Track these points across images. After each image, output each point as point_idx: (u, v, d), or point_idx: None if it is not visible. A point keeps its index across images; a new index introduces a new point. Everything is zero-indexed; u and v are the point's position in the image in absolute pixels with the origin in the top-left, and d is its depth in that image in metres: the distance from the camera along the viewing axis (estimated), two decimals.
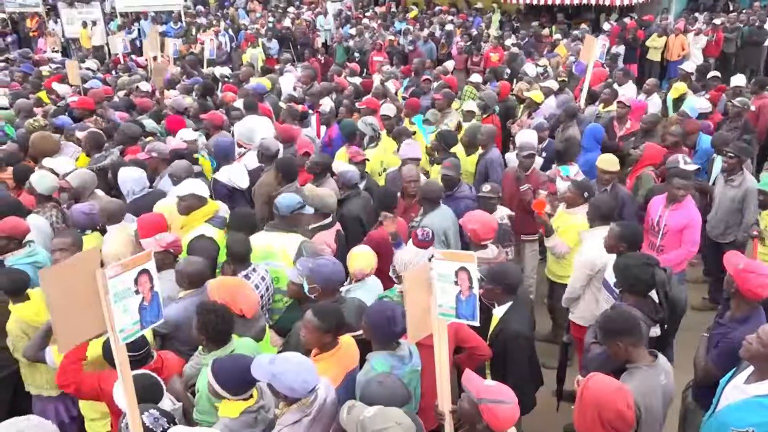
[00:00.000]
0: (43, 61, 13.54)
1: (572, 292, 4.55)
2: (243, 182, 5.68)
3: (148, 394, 2.89)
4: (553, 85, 8.70)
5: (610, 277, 4.01)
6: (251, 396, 2.91)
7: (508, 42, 13.71)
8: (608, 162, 5.51)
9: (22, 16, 20.38)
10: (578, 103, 8.11)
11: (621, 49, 13.26)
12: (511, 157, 6.49)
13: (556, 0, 16.67)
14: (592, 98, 8.43)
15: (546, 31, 15.02)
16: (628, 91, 8.76)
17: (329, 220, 4.77)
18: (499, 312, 3.81)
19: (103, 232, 4.75)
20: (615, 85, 8.72)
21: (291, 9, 20.75)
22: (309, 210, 4.66)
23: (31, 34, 19.61)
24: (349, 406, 2.78)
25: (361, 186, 5.50)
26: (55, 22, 18.96)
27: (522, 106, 8.64)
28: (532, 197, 5.43)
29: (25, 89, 9.94)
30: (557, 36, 13.76)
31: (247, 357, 2.92)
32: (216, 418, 2.99)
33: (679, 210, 4.94)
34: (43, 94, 9.33)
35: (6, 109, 8.32)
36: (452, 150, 6.35)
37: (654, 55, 13.80)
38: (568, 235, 4.97)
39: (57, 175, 5.33)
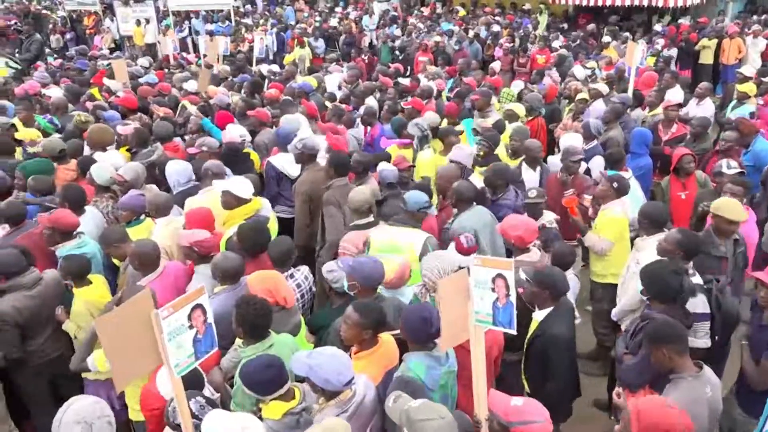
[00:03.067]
0: (97, 57, 14.00)
1: (630, 305, 4.35)
2: (293, 171, 5.86)
3: (190, 384, 2.95)
4: (603, 87, 8.51)
5: None
6: (293, 397, 2.91)
7: (555, 44, 13.50)
8: (732, 210, 4.45)
9: (80, 15, 21.15)
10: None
11: (674, 51, 12.88)
12: (554, 161, 6.37)
13: (606, 1, 16.30)
14: (638, 102, 8.22)
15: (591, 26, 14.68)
16: (675, 95, 8.50)
17: (370, 219, 4.77)
18: (538, 316, 3.75)
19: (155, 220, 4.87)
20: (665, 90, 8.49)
21: (338, 9, 20.93)
22: (434, 211, 4.75)
23: (87, 32, 20.32)
24: (396, 395, 2.78)
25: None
26: (111, 20, 19.58)
27: (567, 108, 8.49)
28: (578, 202, 5.32)
29: (79, 84, 10.29)
30: (607, 38, 13.45)
31: (272, 356, 2.93)
32: (251, 411, 3.01)
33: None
34: (95, 91, 9.63)
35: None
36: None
37: (706, 58, 13.30)
38: (606, 230, 4.89)
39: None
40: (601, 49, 12.90)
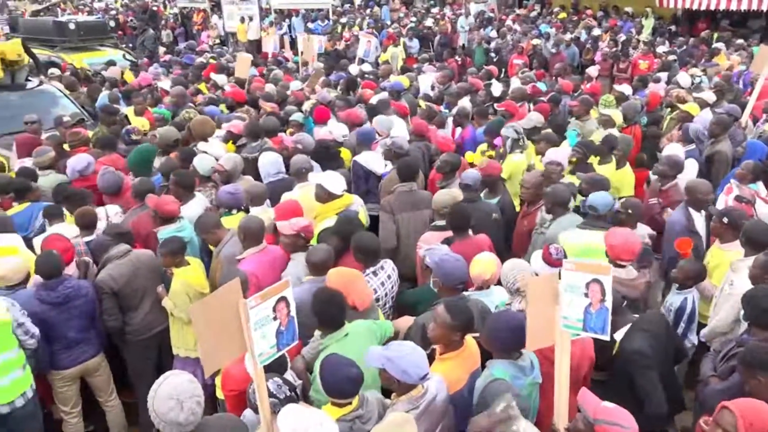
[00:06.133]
0: (202, 52, 14.79)
1: (721, 327, 4.08)
2: (379, 168, 5.93)
3: (276, 366, 3.06)
4: (710, 97, 8.01)
5: None
6: (350, 403, 2.91)
7: (660, 49, 12.85)
8: None
9: (190, 12, 22.43)
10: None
11: None
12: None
13: (720, 4, 15.28)
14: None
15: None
16: None
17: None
18: (618, 335, 3.59)
19: (246, 212, 5.09)
20: None
21: (434, 10, 20.94)
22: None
23: (196, 28, 21.52)
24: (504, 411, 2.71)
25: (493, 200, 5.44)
26: (219, 17, 20.60)
27: (669, 117, 8.07)
28: (660, 212, 5.04)
29: (186, 78, 10.91)
30: (718, 45, 12.64)
31: (355, 370, 2.91)
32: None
33: None
34: (202, 86, 10.16)
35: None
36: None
37: None
38: (721, 273, 4.38)
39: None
40: (711, 56, 12.15)
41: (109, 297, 4.36)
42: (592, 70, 10.95)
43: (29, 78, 9.22)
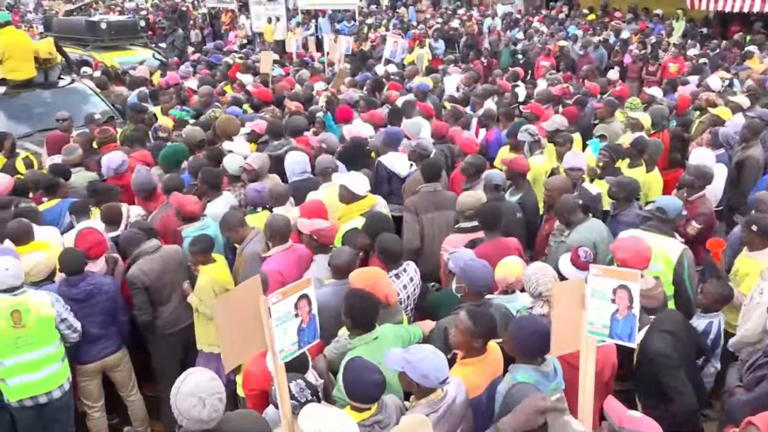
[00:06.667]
0: (229, 52, 14.95)
1: (749, 337, 3.98)
2: (402, 170, 5.93)
3: (298, 365, 3.07)
4: (744, 101, 7.83)
5: None
6: (369, 408, 2.89)
7: (691, 52, 12.61)
8: None
9: (218, 12, 22.69)
10: None
11: None
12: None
13: (753, 7, 14.93)
14: None
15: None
16: None
17: (474, 223, 4.71)
18: (637, 338, 3.52)
19: (271, 211, 5.12)
20: None
21: (461, 11, 20.86)
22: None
23: (224, 28, 21.76)
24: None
25: (515, 197, 5.40)
26: (247, 18, 20.80)
27: (698, 121, 7.91)
28: (684, 224, 4.90)
29: (213, 77, 11.03)
30: (751, 48, 12.34)
31: (379, 375, 2.90)
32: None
33: None
34: (228, 87, 10.25)
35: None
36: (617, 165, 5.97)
37: None
38: (750, 282, 4.30)
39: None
40: (744, 59, 11.88)
41: (140, 291, 4.43)
42: (613, 73, 10.81)
43: (61, 76, 9.41)
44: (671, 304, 4.22)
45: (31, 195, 5.63)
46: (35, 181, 5.70)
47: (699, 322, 4.10)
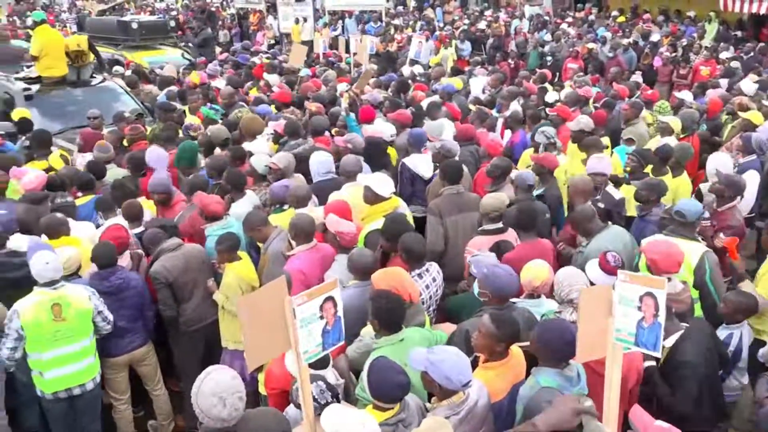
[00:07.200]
0: (257, 52, 15.07)
1: None
2: (426, 172, 5.92)
3: (317, 361, 3.05)
4: None
5: None
6: (392, 408, 2.90)
7: (723, 55, 12.36)
8: None
9: (246, 12, 22.91)
10: None
11: None
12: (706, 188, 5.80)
13: None
14: None
15: None
16: None
17: (499, 225, 4.69)
18: (668, 343, 3.48)
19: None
20: None
21: (488, 12, 20.75)
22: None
23: (252, 28, 21.95)
24: None
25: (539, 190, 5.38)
26: (274, 18, 20.95)
27: (730, 125, 7.74)
28: (712, 235, 4.76)
29: (238, 76, 11.14)
30: None
31: (404, 375, 2.90)
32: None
33: None
34: (254, 89, 10.34)
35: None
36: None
37: None
38: None
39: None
40: None
41: (164, 287, 4.52)
42: (636, 77, 10.63)
43: (93, 75, 9.61)
44: (698, 309, 4.16)
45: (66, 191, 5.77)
46: (71, 177, 5.86)
47: (721, 333, 3.99)
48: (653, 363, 3.47)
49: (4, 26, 20.56)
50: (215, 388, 2.56)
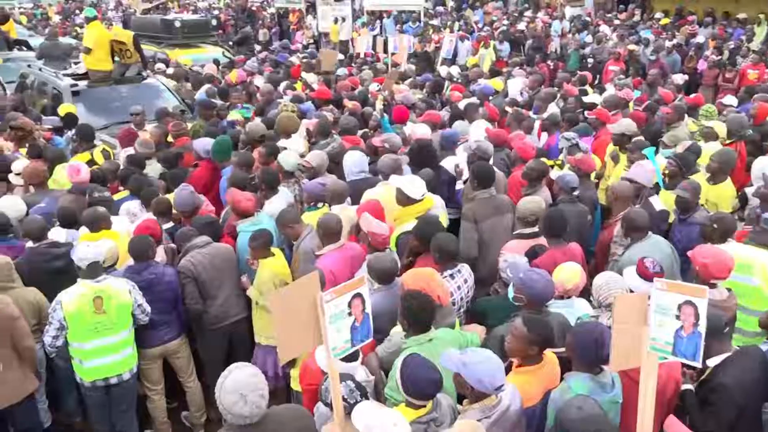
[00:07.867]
0: (296, 51, 15.22)
1: None
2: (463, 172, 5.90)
3: (347, 357, 3.08)
4: None
5: None
6: (424, 406, 2.90)
7: None
8: None
9: (286, 12, 23.15)
10: None
11: None
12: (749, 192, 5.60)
13: None
14: None
15: None
16: None
17: (535, 229, 4.63)
18: (713, 362, 3.33)
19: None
20: None
21: (527, 13, 20.51)
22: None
23: (291, 27, 22.17)
24: None
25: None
26: (314, 17, 21.12)
27: None
28: None
29: (277, 74, 11.26)
30: None
31: (436, 372, 2.90)
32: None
33: None
34: (298, 85, 10.46)
35: None
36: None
37: None
38: None
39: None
40: None
41: (190, 282, 4.60)
42: (677, 78, 10.35)
43: (139, 72, 9.86)
44: None
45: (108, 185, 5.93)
46: (113, 171, 6.03)
47: None
48: (690, 387, 3.33)
49: (57, 24, 21.29)
50: (236, 386, 2.59)
